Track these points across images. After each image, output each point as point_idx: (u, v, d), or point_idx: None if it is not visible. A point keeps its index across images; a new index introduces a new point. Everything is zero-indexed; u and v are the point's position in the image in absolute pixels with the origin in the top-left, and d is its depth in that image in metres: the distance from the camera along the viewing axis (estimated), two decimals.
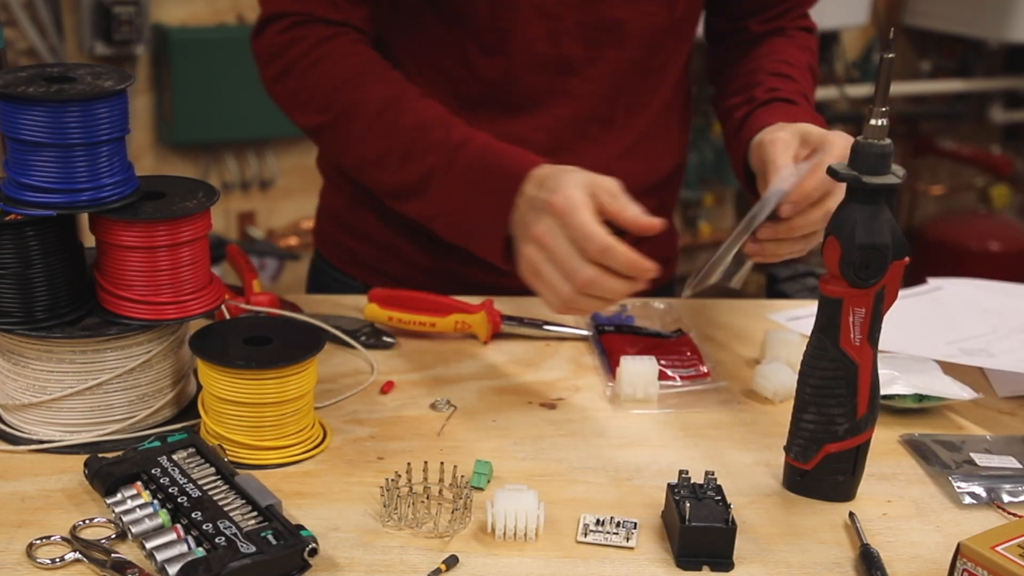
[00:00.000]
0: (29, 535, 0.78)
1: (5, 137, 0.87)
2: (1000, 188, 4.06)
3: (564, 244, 0.95)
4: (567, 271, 0.95)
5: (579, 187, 0.97)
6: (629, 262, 0.94)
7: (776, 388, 1.03)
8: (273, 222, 3.21)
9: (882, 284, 0.82)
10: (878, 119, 0.80)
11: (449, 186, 1.08)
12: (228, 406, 0.88)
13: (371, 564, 0.77)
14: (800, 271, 1.45)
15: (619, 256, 0.93)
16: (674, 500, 0.80)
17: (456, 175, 1.07)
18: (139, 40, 2.77)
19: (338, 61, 1.14)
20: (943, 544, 0.82)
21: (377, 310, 1.14)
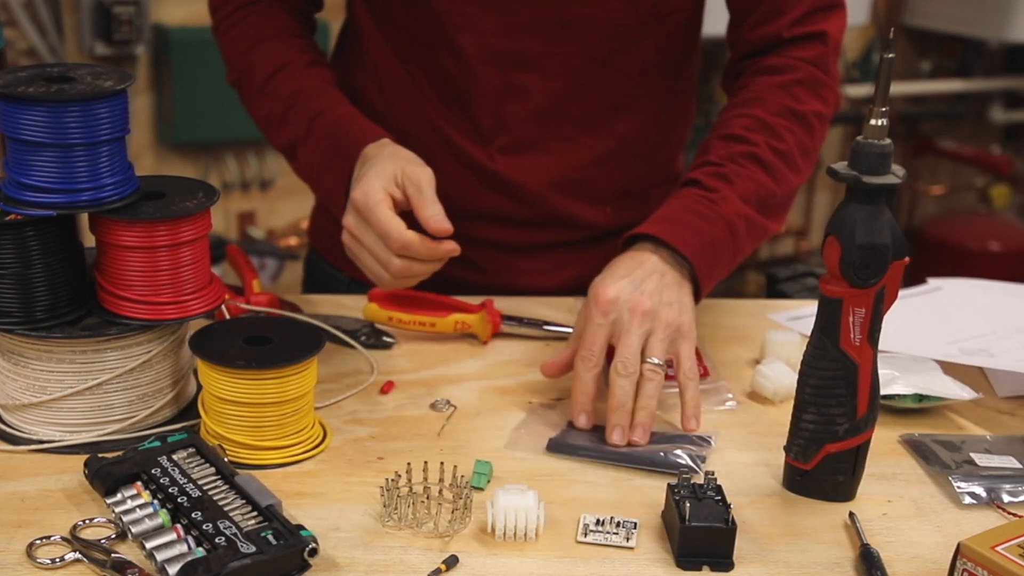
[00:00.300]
0: (29, 535, 0.78)
1: (5, 137, 0.87)
2: (1000, 188, 4.06)
3: (370, 237, 1.03)
4: (380, 261, 1.03)
5: (380, 180, 1.03)
6: (429, 252, 1.02)
7: (776, 388, 1.03)
8: (273, 222, 3.21)
9: (882, 284, 0.82)
10: (878, 119, 0.80)
11: (307, 155, 1.17)
12: (228, 406, 0.88)
13: (371, 564, 0.77)
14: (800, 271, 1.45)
15: (419, 249, 1.01)
16: (674, 500, 0.80)
17: (310, 146, 1.16)
18: (139, 40, 2.77)
19: (249, 27, 1.23)
20: (943, 544, 0.82)
21: (377, 310, 1.14)
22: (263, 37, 1.22)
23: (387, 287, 1.07)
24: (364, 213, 1.02)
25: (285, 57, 1.20)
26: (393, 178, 1.03)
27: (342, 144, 1.12)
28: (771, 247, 4.08)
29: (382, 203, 1.02)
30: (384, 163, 1.05)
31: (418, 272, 1.04)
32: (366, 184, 1.03)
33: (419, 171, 1.04)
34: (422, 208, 1.02)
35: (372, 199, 1.02)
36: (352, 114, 1.16)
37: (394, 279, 1.04)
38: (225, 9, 1.25)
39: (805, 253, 4.06)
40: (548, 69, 1.18)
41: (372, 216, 1.01)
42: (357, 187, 1.03)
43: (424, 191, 1.03)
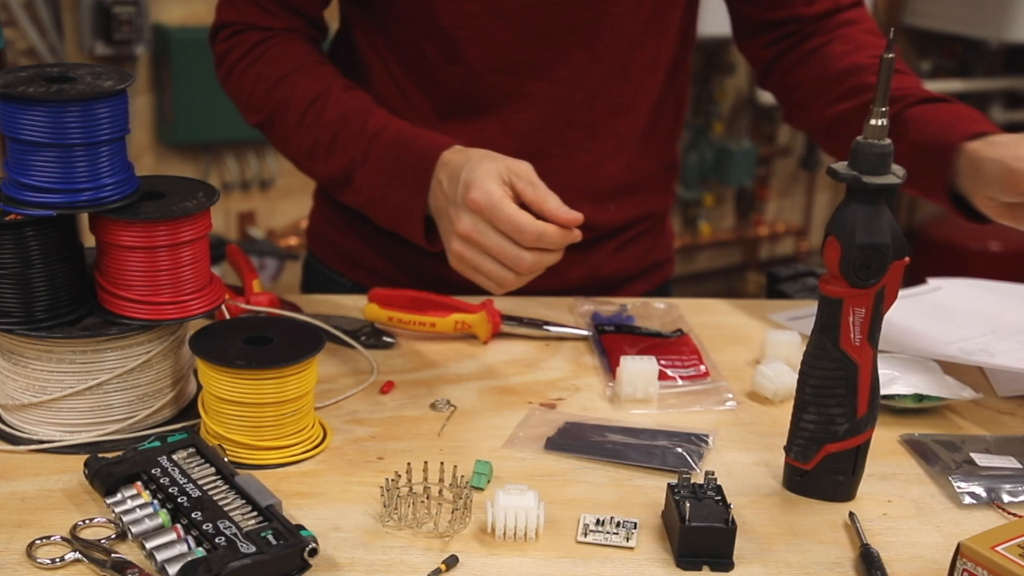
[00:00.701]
0: (29, 535, 0.78)
1: (5, 137, 0.87)
2: None
3: (495, 237, 1.00)
4: (507, 260, 1.00)
5: (493, 179, 1.00)
6: (562, 238, 1.00)
7: (776, 388, 1.03)
8: (273, 222, 3.21)
9: (882, 284, 0.82)
10: (878, 119, 0.80)
11: (369, 176, 1.13)
12: (228, 406, 0.88)
13: (371, 564, 0.77)
14: (800, 271, 1.45)
15: (553, 236, 0.99)
16: (674, 500, 0.80)
17: (373, 165, 1.12)
18: (139, 40, 2.77)
19: (269, 63, 1.19)
20: (943, 544, 0.82)
21: (377, 310, 1.14)
22: (290, 69, 1.18)
23: (506, 289, 1.03)
24: (489, 212, 0.98)
25: (320, 84, 1.16)
26: (500, 175, 1.00)
27: (412, 157, 1.09)
28: (771, 247, 4.08)
29: (505, 199, 0.98)
30: (484, 163, 1.02)
31: (546, 264, 1.01)
32: (481, 184, 0.99)
33: (522, 166, 1.02)
34: (544, 202, 0.99)
35: (495, 197, 0.98)
36: (410, 127, 1.12)
37: (520, 277, 1.01)
38: (238, 51, 1.20)
39: (805, 253, 4.07)
40: (557, 75, 1.18)
41: (500, 213, 0.98)
42: (472, 189, 0.99)
43: (537, 184, 1.01)
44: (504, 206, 0.98)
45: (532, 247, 0.99)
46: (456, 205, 1.02)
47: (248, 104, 1.21)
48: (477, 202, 0.99)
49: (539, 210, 1.00)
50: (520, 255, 0.99)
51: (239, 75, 1.21)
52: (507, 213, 0.98)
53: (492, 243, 0.99)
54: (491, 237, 0.99)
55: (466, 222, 1.01)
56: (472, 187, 1.00)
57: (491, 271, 1.01)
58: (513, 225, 0.98)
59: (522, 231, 0.98)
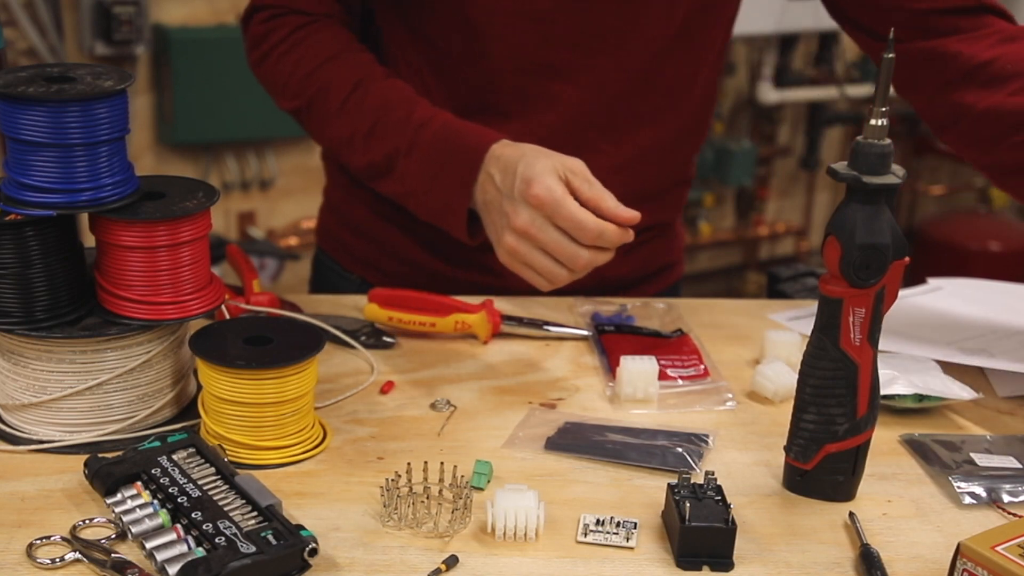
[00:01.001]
0: (29, 535, 0.78)
1: (5, 137, 0.87)
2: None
3: (554, 234, 0.99)
4: (564, 257, 1.00)
5: (552, 174, 1.00)
6: (621, 236, 1.00)
7: (776, 388, 1.03)
8: (273, 222, 3.21)
9: (882, 284, 0.82)
10: (878, 119, 0.80)
11: (412, 166, 1.12)
12: (228, 406, 0.88)
13: (371, 564, 0.77)
14: (800, 271, 1.45)
15: (612, 235, 0.99)
16: (674, 500, 0.80)
17: (418, 155, 1.11)
18: (139, 40, 2.78)
19: (310, 48, 1.18)
20: (943, 544, 0.82)
21: (377, 310, 1.14)
22: (331, 54, 1.17)
23: (556, 285, 1.03)
24: (551, 209, 0.98)
25: (360, 72, 1.16)
26: (557, 172, 1.00)
27: (459, 149, 1.08)
28: (771, 247, 4.08)
29: (567, 196, 0.98)
30: (541, 159, 1.01)
31: (600, 262, 1.01)
32: (543, 180, 0.99)
33: (578, 164, 1.01)
34: (601, 200, 0.99)
35: (557, 193, 0.98)
36: (456, 119, 1.12)
37: (573, 274, 1.01)
38: (277, 34, 1.19)
39: (805, 253, 4.07)
40: (581, 80, 1.18)
41: (562, 210, 0.98)
42: (534, 185, 0.99)
43: (594, 183, 1.00)
44: (567, 203, 0.98)
45: (590, 245, 0.99)
46: (513, 200, 1.01)
47: (284, 89, 1.20)
48: (540, 197, 0.98)
49: (596, 208, 0.99)
50: (578, 252, 0.99)
51: (277, 59, 1.19)
52: (570, 210, 0.98)
53: (551, 239, 0.99)
54: (550, 233, 0.99)
55: (524, 217, 1.00)
56: (533, 183, 0.99)
57: (544, 267, 1.01)
58: (575, 222, 0.98)
59: (583, 228, 0.98)
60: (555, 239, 0.99)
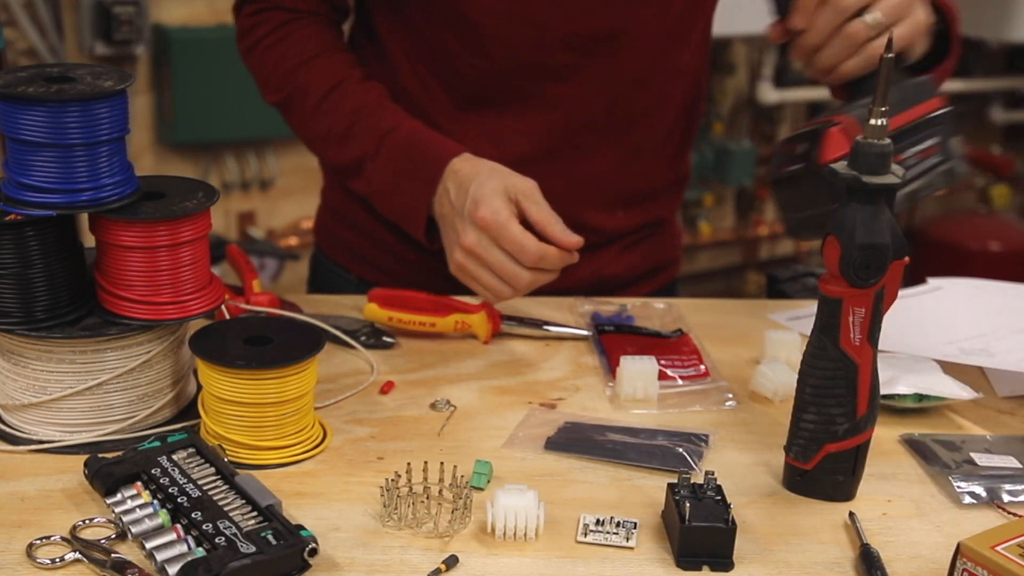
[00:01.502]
0: (29, 535, 0.78)
1: (5, 137, 0.87)
2: (1000, 188, 4.06)
3: (498, 255, 1.03)
4: (506, 277, 1.04)
5: (500, 197, 1.04)
6: (562, 259, 1.03)
7: (776, 388, 1.03)
8: (273, 222, 3.21)
9: (882, 284, 0.82)
10: (878, 119, 0.80)
11: (378, 170, 1.16)
12: (228, 406, 0.88)
13: (371, 564, 0.77)
14: (800, 271, 1.45)
15: (553, 259, 1.03)
16: (674, 500, 0.80)
17: (383, 161, 1.15)
18: (139, 40, 2.77)
19: (294, 44, 1.21)
20: (943, 544, 0.82)
21: (377, 310, 1.14)
22: (312, 54, 1.20)
23: (501, 300, 1.07)
24: (495, 231, 1.02)
25: (339, 73, 1.19)
26: (507, 193, 1.04)
27: (421, 160, 1.12)
28: (771, 247, 4.08)
29: (512, 219, 1.02)
30: (493, 180, 1.05)
31: (543, 282, 1.05)
32: (490, 203, 1.03)
33: (528, 185, 1.05)
34: (548, 224, 1.03)
35: (501, 216, 1.02)
36: (423, 129, 1.15)
37: (516, 292, 1.05)
38: (263, 28, 1.23)
39: (805, 253, 4.06)
40: (577, 81, 1.18)
41: (506, 234, 1.02)
42: (481, 207, 1.03)
43: (542, 205, 1.04)
44: (510, 226, 1.02)
45: (532, 267, 1.03)
46: (463, 218, 1.06)
47: (268, 83, 1.24)
48: (485, 220, 1.03)
49: (543, 231, 1.03)
50: (519, 273, 1.03)
51: (262, 52, 1.23)
52: (512, 233, 1.02)
53: (494, 259, 1.03)
54: (494, 254, 1.03)
55: (471, 237, 1.04)
56: (481, 205, 1.03)
57: (490, 284, 1.05)
58: (517, 246, 1.02)
59: (524, 251, 1.02)
60: (499, 260, 1.03)
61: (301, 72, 1.20)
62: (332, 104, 1.18)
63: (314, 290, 1.41)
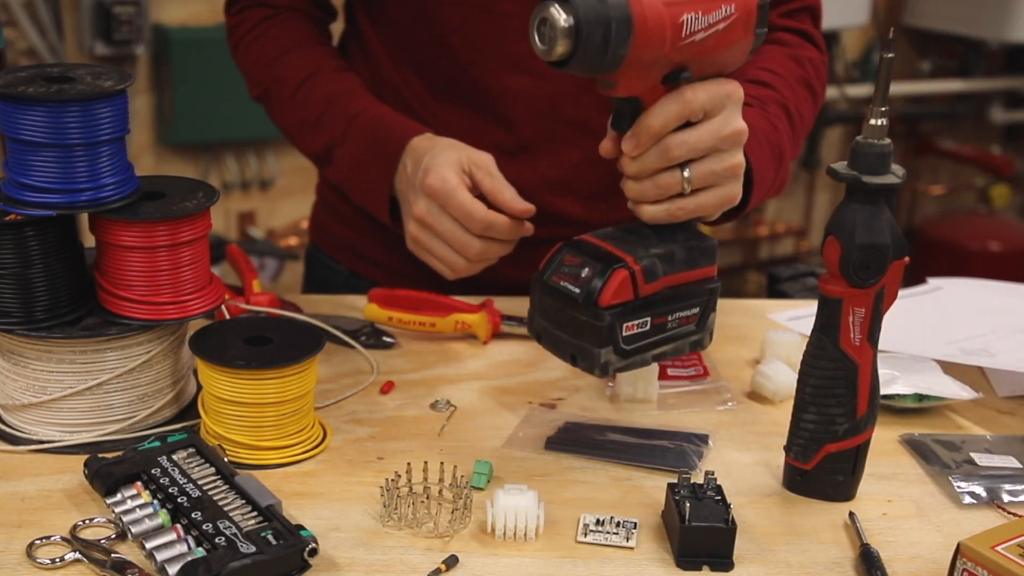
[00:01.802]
0: (29, 535, 0.78)
1: (5, 137, 0.87)
2: (1000, 188, 4.06)
3: (447, 222, 1.04)
4: (457, 246, 1.04)
5: (451, 166, 1.04)
6: (512, 230, 1.03)
7: (776, 388, 1.03)
8: (273, 222, 3.21)
9: (882, 284, 0.82)
10: (878, 119, 0.80)
11: (345, 155, 1.17)
12: (228, 406, 0.88)
13: (371, 564, 0.77)
14: (800, 271, 1.45)
15: (502, 226, 1.03)
16: (674, 500, 0.80)
17: (350, 145, 1.16)
18: (139, 40, 2.77)
19: (272, 39, 1.23)
20: (943, 544, 0.82)
21: (377, 310, 1.14)
22: (289, 47, 1.22)
23: (458, 275, 1.07)
24: (443, 198, 1.02)
25: (314, 65, 1.21)
26: (460, 164, 1.04)
27: (384, 141, 1.13)
28: (771, 247, 4.08)
29: (460, 186, 1.02)
30: (447, 151, 1.06)
31: (496, 254, 1.05)
32: (439, 171, 1.03)
33: (483, 157, 1.05)
34: (499, 192, 1.04)
35: (450, 184, 1.02)
36: (389, 112, 1.16)
37: (471, 263, 1.05)
38: (244, 26, 1.26)
39: (805, 253, 4.07)
40: (542, 72, 1.18)
41: (453, 200, 1.02)
42: (430, 175, 1.03)
43: (495, 176, 1.04)
44: (457, 193, 1.02)
45: (481, 235, 1.03)
46: (415, 189, 1.06)
47: (250, 78, 1.26)
48: (432, 187, 1.03)
49: (493, 200, 1.04)
50: (470, 242, 1.03)
51: (244, 49, 1.26)
52: (458, 200, 1.02)
53: (444, 228, 1.04)
54: (443, 222, 1.04)
55: (421, 206, 1.05)
56: (430, 172, 1.04)
57: (443, 255, 1.05)
58: (464, 212, 1.02)
59: (472, 218, 1.02)
60: (448, 228, 1.04)
61: (277, 65, 1.22)
62: (304, 94, 1.19)
63: (308, 285, 1.43)
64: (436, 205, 1.04)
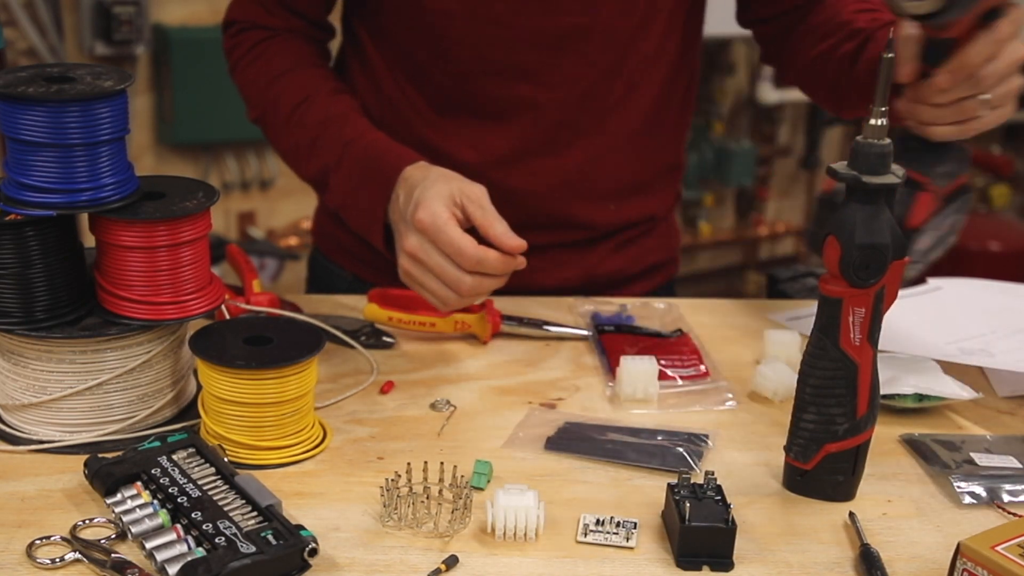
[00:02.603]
0: (29, 535, 0.78)
1: (5, 137, 0.87)
2: (1000, 188, 4.06)
3: (438, 258, 1.01)
4: (448, 282, 1.01)
5: (442, 200, 1.02)
6: (503, 264, 1.01)
7: (776, 388, 1.03)
8: (273, 222, 3.21)
9: (882, 284, 0.82)
10: (878, 119, 0.80)
11: (340, 181, 1.16)
12: (228, 406, 0.88)
13: (371, 564, 0.77)
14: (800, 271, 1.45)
15: (493, 263, 1.00)
16: (674, 500, 0.80)
17: (344, 171, 1.15)
18: (139, 40, 2.77)
19: (267, 62, 1.23)
20: (943, 544, 0.82)
21: (377, 310, 1.14)
22: (284, 70, 1.21)
23: (450, 308, 1.05)
24: (432, 234, 1.00)
25: (308, 88, 1.20)
26: (452, 198, 1.02)
27: (378, 169, 1.11)
28: (771, 247, 4.08)
29: (450, 222, 1.00)
30: (438, 184, 1.04)
31: (488, 288, 1.03)
32: (429, 205, 1.01)
33: (475, 190, 1.04)
34: (490, 227, 1.01)
35: (440, 219, 1.00)
36: (384, 139, 1.15)
37: (462, 299, 1.03)
38: (241, 48, 1.25)
39: (805, 253, 4.06)
40: (549, 80, 1.18)
41: (442, 236, 1.00)
42: (420, 209, 1.01)
43: (487, 209, 1.02)
44: (447, 229, 1.00)
45: (472, 271, 1.01)
46: (406, 222, 1.05)
47: (247, 100, 1.26)
48: (423, 222, 1.01)
49: (485, 234, 1.02)
50: (460, 278, 1.01)
51: (241, 71, 1.25)
52: (449, 236, 1.00)
53: (435, 263, 1.02)
54: (434, 257, 1.01)
55: (412, 240, 1.03)
56: (420, 207, 1.02)
57: (434, 290, 1.03)
58: (454, 248, 1.00)
59: (462, 255, 1.00)
60: (438, 263, 1.01)
61: (273, 88, 1.21)
62: (299, 117, 1.18)
63: (312, 289, 1.42)
64: (427, 240, 1.02)
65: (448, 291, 1.02)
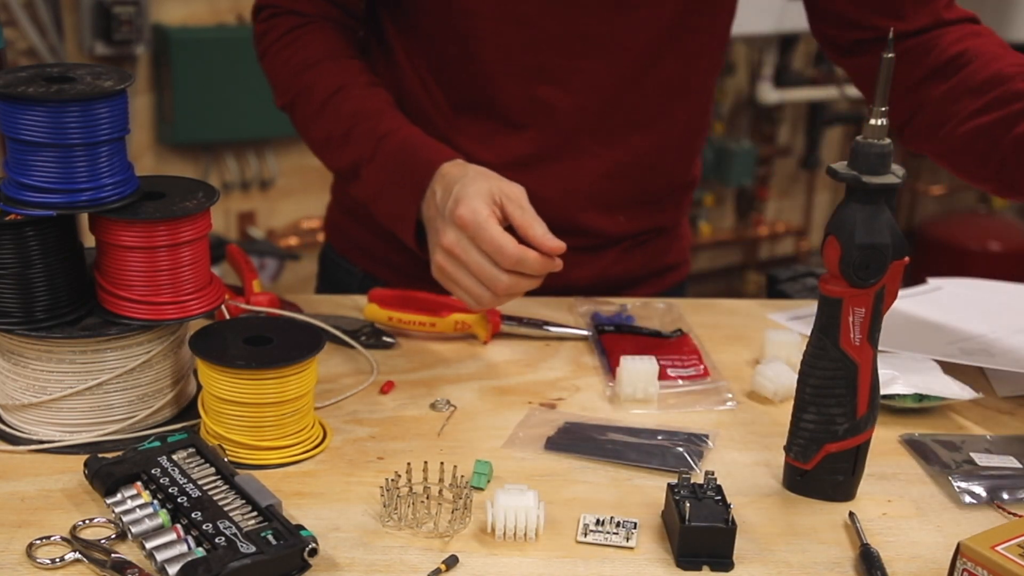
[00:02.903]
0: (29, 535, 0.78)
1: (5, 137, 0.87)
2: None
3: (476, 256, 1.01)
4: (484, 280, 1.00)
5: (482, 198, 1.01)
6: (542, 265, 1.00)
7: (776, 388, 1.03)
8: (273, 222, 3.21)
9: (882, 284, 0.82)
10: (878, 119, 0.80)
11: (373, 175, 1.14)
12: (228, 406, 0.88)
13: (371, 564, 0.77)
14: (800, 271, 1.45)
15: (532, 263, 0.99)
16: (674, 500, 0.80)
17: (377, 165, 1.13)
18: (139, 40, 2.77)
19: (301, 48, 1.21)
20: (943, 544, 0.82)
21: (377, 310, 1.14)
22: (318, 58, 1.20)
23: (483, 307, 1.04)
24: (473, 231, 1.00)
25: (343, 78, 1.18)
26: (491, 196, 1.02)
27: (413, 163, 1.10)
28: (771, 247, 4.08)
29: (491, 219, 1.00)
30: (477, 182, 1.03)
31: (523, 289, 1.02)
32: (470, 202, 1.00)
33: (515, 189, 1.03)
34: (530, 227, 1.01)
35: (481, 216, 0.99)
36: (420, 134, 1.14)
37: (496, 298, 1.02)
38: (274, 33, 1.23)
39: (805, 253, 4.06)
40: (571, 84, 1.18)
41: (483, 233, 0.99)
42: (461, 206, 1.01)
43: (526, 209, 1.02)
44: (488, 226, 0.99)
45: (510, 270, 1.00)
46: (444, 218, 1.04)
47: (276, 86, 1.24)
48: (463, 219, 1.00)
49: (524, 235, 1.01)
50: (498, 276, 1.00)
51: (272, 56, 1.23)
52: (490, 234, 0.99)
53: (473, 261, 1.01)
54: (472, 255, 1.01)
55: (451, 236, 1.02)
56: (460, 203, 1.01)
57: (469, 287, 1.02)
58: (494, 246, 0.99)
59: (502, 253, 0.99)
60: (477, 261, 1.01)
61: (306, 76, 1.19)
62: (333, 108, 1.17)
63: (322, 285, 1.42)
64: (466, 237, 1.01)
65: (483, 289, 1.01)
